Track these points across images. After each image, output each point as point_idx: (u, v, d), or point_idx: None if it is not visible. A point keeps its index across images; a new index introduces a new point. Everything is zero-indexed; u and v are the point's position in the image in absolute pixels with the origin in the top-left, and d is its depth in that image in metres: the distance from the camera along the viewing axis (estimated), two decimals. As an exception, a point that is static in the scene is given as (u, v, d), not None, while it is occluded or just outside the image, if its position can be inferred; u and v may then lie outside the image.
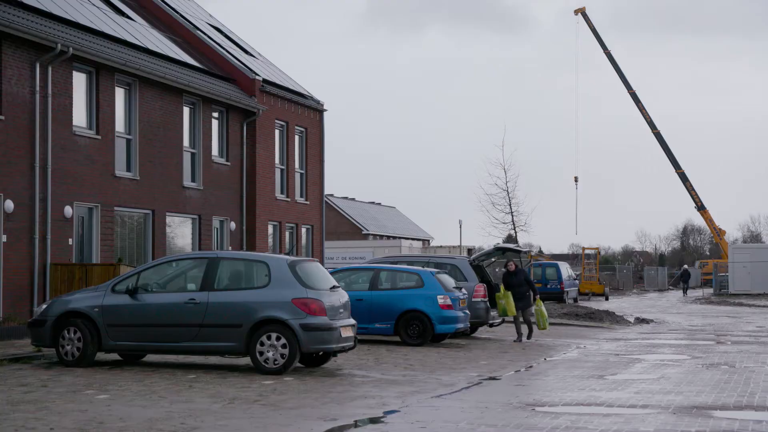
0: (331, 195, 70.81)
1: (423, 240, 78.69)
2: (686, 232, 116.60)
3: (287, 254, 16.51)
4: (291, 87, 33.52)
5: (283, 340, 14.24)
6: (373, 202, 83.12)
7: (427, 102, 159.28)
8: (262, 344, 14.28)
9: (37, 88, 20.74)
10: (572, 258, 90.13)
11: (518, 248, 28.56)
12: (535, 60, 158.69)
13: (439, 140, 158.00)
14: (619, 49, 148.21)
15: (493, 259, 27.16)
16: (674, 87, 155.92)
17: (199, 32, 31.26)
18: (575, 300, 46.92)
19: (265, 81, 31.04)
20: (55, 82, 21.33)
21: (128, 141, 24.39)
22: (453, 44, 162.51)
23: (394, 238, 69.90)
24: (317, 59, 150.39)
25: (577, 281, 50.69)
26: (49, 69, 21.08)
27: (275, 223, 31.76)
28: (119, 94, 23.99)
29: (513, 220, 52.16)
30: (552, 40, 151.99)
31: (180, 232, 26.94)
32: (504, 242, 50.15)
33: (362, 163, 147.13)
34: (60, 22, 22.45)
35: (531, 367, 16.66)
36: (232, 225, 29.08)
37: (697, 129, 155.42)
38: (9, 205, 20.01)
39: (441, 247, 60.23)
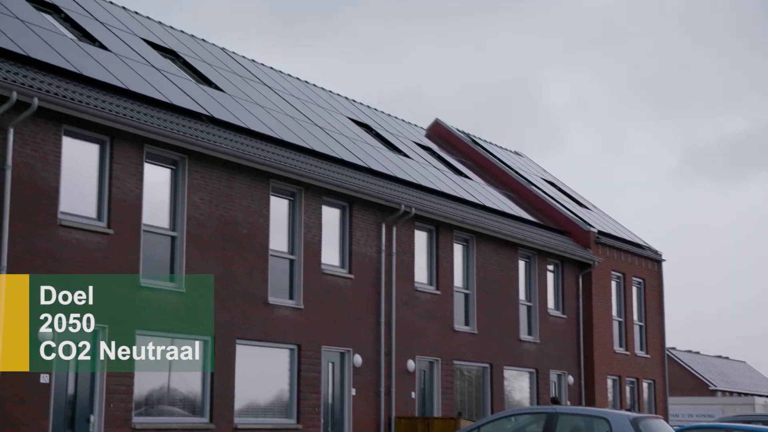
0: (673, 348, 67.61)
1: (779, 397, 72.30)
2: None
3: (628, 410, 15.80)
4: (626, 237, 32.98)
5: (627, 503, 13.50)
6: (719, 356, 78.20)
7: (764, 251, 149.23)
8: (605, 506, 13.64)
9: (383, 248, 22.02)
10: None
11: None
12: None
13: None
14: None
15: None
16: None
17: (533, 187, 31.91)
18: None
19: (600, 232, 30.81)
20: (398, 241, 22.56)
21: (466, 296, 25.01)
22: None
23: (746, 395, 64.91)
24: (636, 210, 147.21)
25: None
26: (394, 229, 22.37)
27: (614, 377, 30.73)
28: (457, 249, 24.85)
29: None
30: None
31: (517, 385, 26.83)
32: None
33: (705, 315, 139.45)
34: (403, 184, 23.92)
35: None
36: (570, 379, 28.51)
37: None
38: (357, 359, 21.08)
39: (800, 405, 54.82)
